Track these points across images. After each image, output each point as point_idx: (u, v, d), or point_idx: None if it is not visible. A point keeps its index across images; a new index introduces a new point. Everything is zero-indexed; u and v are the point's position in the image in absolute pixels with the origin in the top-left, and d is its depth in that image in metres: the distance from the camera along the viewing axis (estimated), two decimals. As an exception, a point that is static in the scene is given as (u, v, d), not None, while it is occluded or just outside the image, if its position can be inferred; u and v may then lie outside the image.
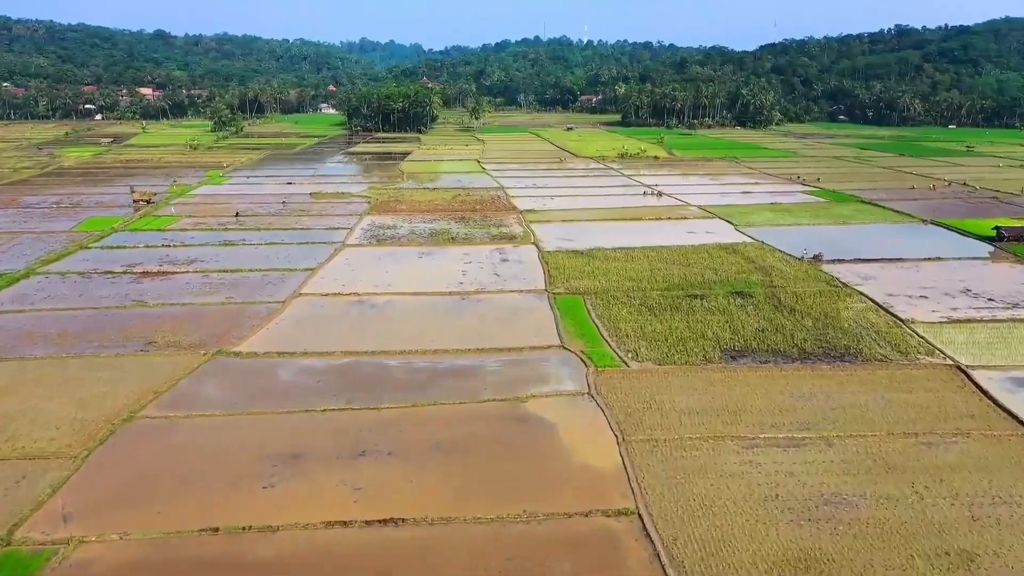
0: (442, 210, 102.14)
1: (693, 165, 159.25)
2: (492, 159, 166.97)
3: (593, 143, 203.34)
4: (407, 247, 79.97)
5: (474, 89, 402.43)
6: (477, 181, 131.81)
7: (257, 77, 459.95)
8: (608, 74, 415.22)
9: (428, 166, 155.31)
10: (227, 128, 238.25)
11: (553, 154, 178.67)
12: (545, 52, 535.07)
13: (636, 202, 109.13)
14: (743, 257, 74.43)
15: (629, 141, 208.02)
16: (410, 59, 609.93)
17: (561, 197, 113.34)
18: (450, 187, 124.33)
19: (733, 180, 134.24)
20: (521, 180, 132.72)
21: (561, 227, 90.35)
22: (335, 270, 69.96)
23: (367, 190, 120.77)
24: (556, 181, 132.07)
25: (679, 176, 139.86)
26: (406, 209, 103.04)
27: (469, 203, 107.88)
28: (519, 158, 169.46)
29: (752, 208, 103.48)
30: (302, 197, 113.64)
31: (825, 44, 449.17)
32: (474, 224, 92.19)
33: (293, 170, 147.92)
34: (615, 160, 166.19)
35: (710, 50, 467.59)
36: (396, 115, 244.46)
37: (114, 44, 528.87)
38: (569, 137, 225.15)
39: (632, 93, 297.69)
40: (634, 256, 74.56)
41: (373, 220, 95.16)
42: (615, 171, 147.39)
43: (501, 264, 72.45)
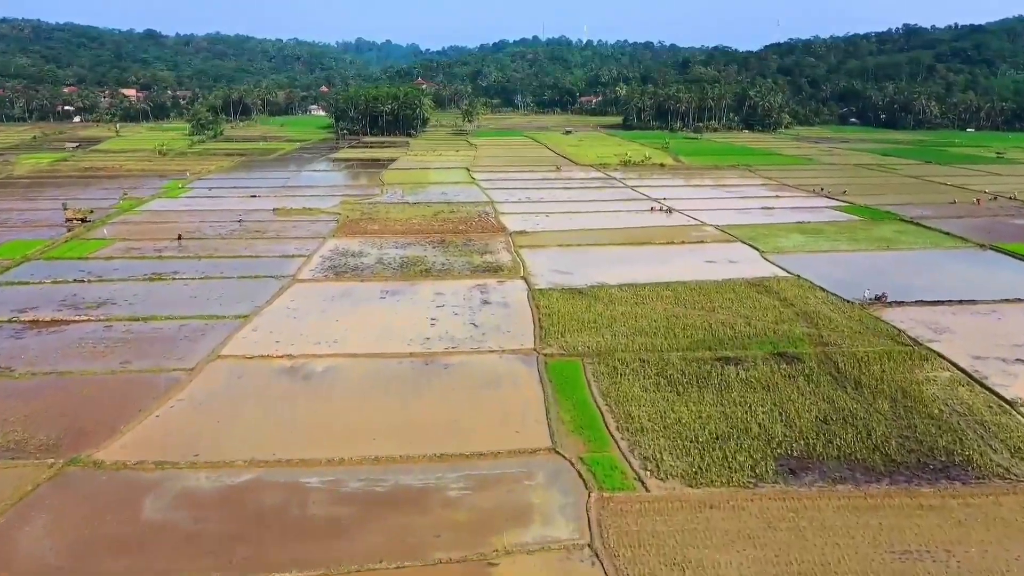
0: (419, 231, 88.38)
1: (703, 174, 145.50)
2: (483, 167, 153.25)
3: (593, 148, 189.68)
4: (370, 283, 66.18)
5: (469, 90, 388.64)
6: (464, 194, 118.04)
7: (247, 78, 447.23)
8: (608, 75, 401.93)
9: (412, 175, 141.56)
10: (205, 132, 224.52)
11: (550, 161, 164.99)
12: (544, 52, 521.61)
13: (643, 221, 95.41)
14: (779, 298, 60.73)
15: (632, 146, 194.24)
16: (407, 60, 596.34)
17: (557, 214, 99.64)
18: (433, 201, 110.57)
19: (750, 192, 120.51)
20: (513, 192, 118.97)
21: (556, 254, 76.63)
22: (273, 318, 56.17)
23: (339, 205, 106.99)
24: (552, 194, 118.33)
25: (689, 187, 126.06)
26: (378, 230, 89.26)
27: (452, 222, 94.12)
28: (513, 166, 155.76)
29: (777, 229, 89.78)
30: (263, 214, 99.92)
31: (831, 44, 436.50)
32: (454, 250, 78.43)
33: (264, 180, 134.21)
34: (617, 168, 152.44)
35: (713, 50, 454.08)
36: (385, 118, 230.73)
37: (101, 44, 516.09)
38: (568, 141, 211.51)
39: (634, 94, 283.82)
40: (645, 296, 60.86)
41: (337, 244, 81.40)
42: (617, 181, 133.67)
43: (481, 308, 58.70)
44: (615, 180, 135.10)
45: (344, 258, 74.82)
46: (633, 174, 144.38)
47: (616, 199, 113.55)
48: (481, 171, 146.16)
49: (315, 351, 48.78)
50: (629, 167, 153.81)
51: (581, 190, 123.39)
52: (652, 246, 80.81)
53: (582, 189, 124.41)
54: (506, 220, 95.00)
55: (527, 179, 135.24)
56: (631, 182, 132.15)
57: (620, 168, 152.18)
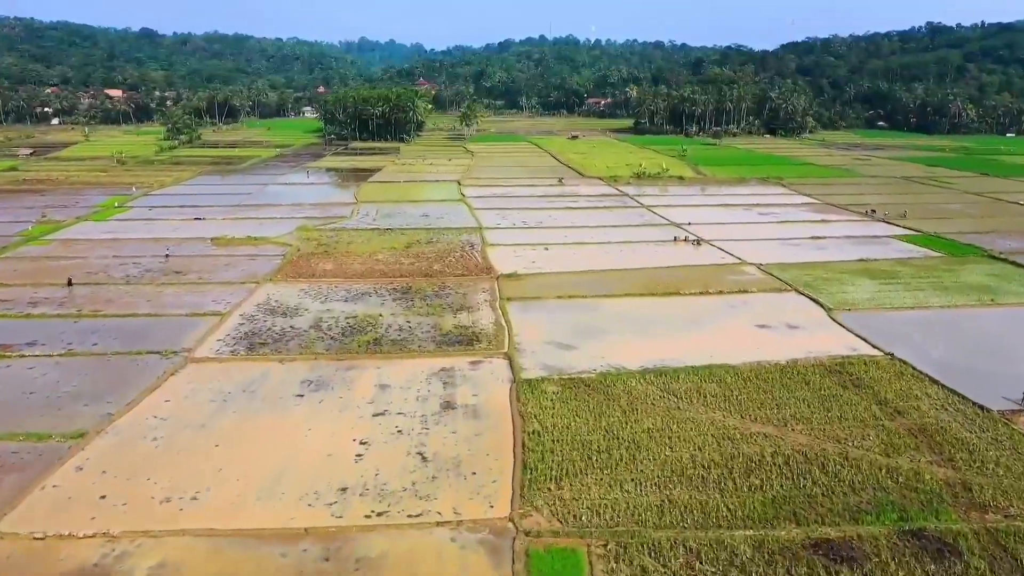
0: (382, 273, 69.48)
1: (730, 190, 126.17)
2: (477, 180, 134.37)
3: (602, 157, 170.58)
4: (292, 364, 47.34)
5: (471, 91, 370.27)
6: (449, 216, 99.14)
7: (242, 78, 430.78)
8: (617, 75, 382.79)
9: (393, 190, 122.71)
10: (180, 136, 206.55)
11: (553, 171, 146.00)
12: (550, 52, 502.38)
13: (666, 256, 76.32)
14: (875, 397, 41.67)
15: (645, 154, 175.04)
16: (410, 60, 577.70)
17: (559, 246, 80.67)
18: (409, 227, 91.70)
19: (790, 214, 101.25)
20: (508, 214, 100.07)
21: (555, 311, 57.68)
22: (121, 441, 37.24)
23: (294, 231, 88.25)
24: (554, 216, 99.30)
25: (716, 208, 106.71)
26: (331, 270, 70.44)
27: (426, 258, 75.23)
28: (510, 178, 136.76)
29: (838, 270, 70.58)
30: (198, 245, 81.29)
31: (852, 43, 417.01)
32: (421, 305, 59.52)
33: (221, 195, 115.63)
34: (630, 182, 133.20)
35: (727, 49, 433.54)
36: (375, 121, 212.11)
37: (94, 43, 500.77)
38: (574, 148, 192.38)
39: (646, 96, 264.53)
40: (681, 392, 41.95)
41: (271, 293, 62.63)
42: (631, 199, 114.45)
43: (440, 418, 39.70)
44: (628, 198, 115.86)
45: (271, 318, 56.00)
46: (648, 189, 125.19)
47: (631, 224, 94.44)
48: (473, 185, 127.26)
49: (152, 524, 29.89)
50: (643, 180, 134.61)
51: (588, 211, 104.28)
52: (681, 297, 61.75)
53: (590, 210, 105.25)
54: (494, 255, 76.01)
55: (525, 196, 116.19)
56: (647, 200, 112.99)
57: (633, 182, 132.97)
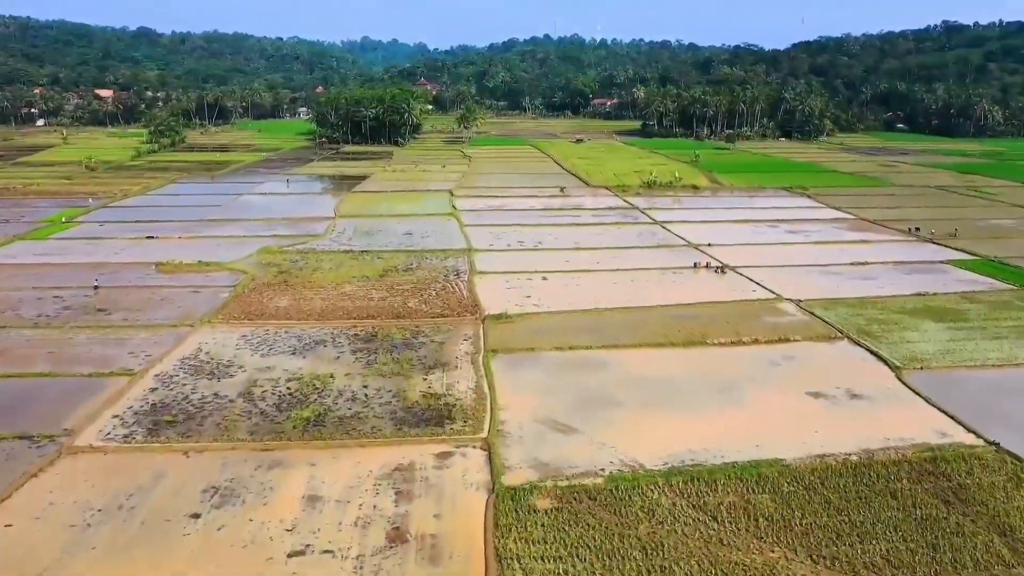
0: (346, 312, 57.75)
1: (751, 200, 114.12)
2: (471, 189, 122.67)
3: (608, 162, 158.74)
4: (199, 459, 35.62)
5: (473, 92, 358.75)
6: (436, 234, 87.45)
7: (238, 78, 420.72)
8: (624, 75, 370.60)
9: (377, 202, 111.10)
10: (162, 139, 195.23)
11: (555, 179, 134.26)
12: (555, 51, 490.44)
13: (686, 288, 64.51)
14: (993, 523, 29.88)
15: (654, 159, 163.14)
16: (413, 59, 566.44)
17: (559, 274, 68.94)
18: (388, 248, 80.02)
19: (824, 233, 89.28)
20: (502, 232, 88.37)
21: (553, 372, 45.94)
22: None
23: (255, 253, 76.61)
24: (554, 235, 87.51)
25: (739, 224, 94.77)
26: (286, 307, 58.78)
27: (403, 290, 63.56)
28: (508, 187, 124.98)
29: (893, 308, 58.65)
30: (139, 271, 69.81)
31: (865, 42, 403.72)
32: (386, 360, 47.80)
33: (185, 208, 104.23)
34: (640, 191, 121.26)
35: (738, 49, 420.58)
36: (368, 124, 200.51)
37: (89, 42, 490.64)
38: (578, 153, 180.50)
39: (654, 97, 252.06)
40: (722, 513, 30.24)
41: (204, 341, 51.03)
42: (641, 213, 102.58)
43: (379, 568, 28.01)
44: (638, 212, 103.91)
45: (193, 380, 44.36)
46: (660, 201, 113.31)
47: (642, 244, 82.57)
48: (467, 196, 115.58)
49: None
50: (654, 190, 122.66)
51: (594, 228, 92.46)
52: (709, 349, 49.97)
53: (595, 226, 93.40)
54: (483, 287, 64.29)
55: (524, 210, 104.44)
56: (660, 214, 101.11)
57: (643, 192, 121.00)
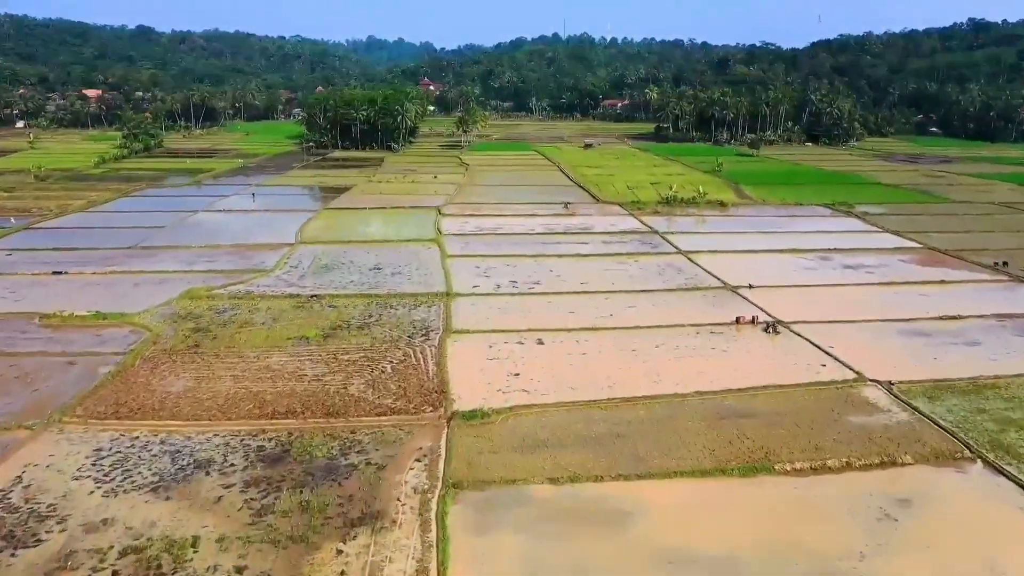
0: (259, 405, 41.12)
1: (790, 221, 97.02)
2: (463, 206, 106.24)
3: (621, 171, 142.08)
4: None
5: (477, 92, 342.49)
6: (410, 270, 70.86)
7: (235, 77, 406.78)
8: (635, 75, 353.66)
9: (352, 222, 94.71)
10: (135, 142, 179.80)
11: (560, 193, 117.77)
12: (564, 51, 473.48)
13: (729, 361, 47.63)
14: None
15: (672, 168, 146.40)
16: (419, 59, 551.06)
17: (560, 333, 52.25)
18: (347, 290, 63.45)
19: (888, 267, 72.16)
20: (492, 266, 71.77)
21: (543, 537, 29.18)
22: None
23: (174, 300, 60.24)
24: (557, 270, 70.78)
25: (783, 255, 77.68)
26: (179, 394, 42.30)
27: (347, 363, 47.05)
28: (506, 203, 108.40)
29: None
30: (16, 325, 53.71)
31: (888, 40, 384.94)
32: (289, 506, 31.16)
33: (123, 229, 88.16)
34: (658, 209, 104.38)
35: (754, 48, 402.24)
36: (358, 127, 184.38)
37: (85, 40, 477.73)
38: (587, 160, 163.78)
39: (669, 99, 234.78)
40: None
41: (36, 460, 34.64)
42: (662, 239, 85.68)
43: None
44: (657, 236, 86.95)
45: (-26, 551, 28.10)
46: (683, 222, 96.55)
47: (666, 286, 65.71)
48: (457, 214, 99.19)
49: None
50: (675, 207, 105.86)
51: (605, 260, 75.64)
52: (778, 481, 33.27)
53: (606, 258, 76.53)
54: (456, 358, 47.69)
55: (521, 234, 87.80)
56: (683, 239, 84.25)
57: (662, 210, 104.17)
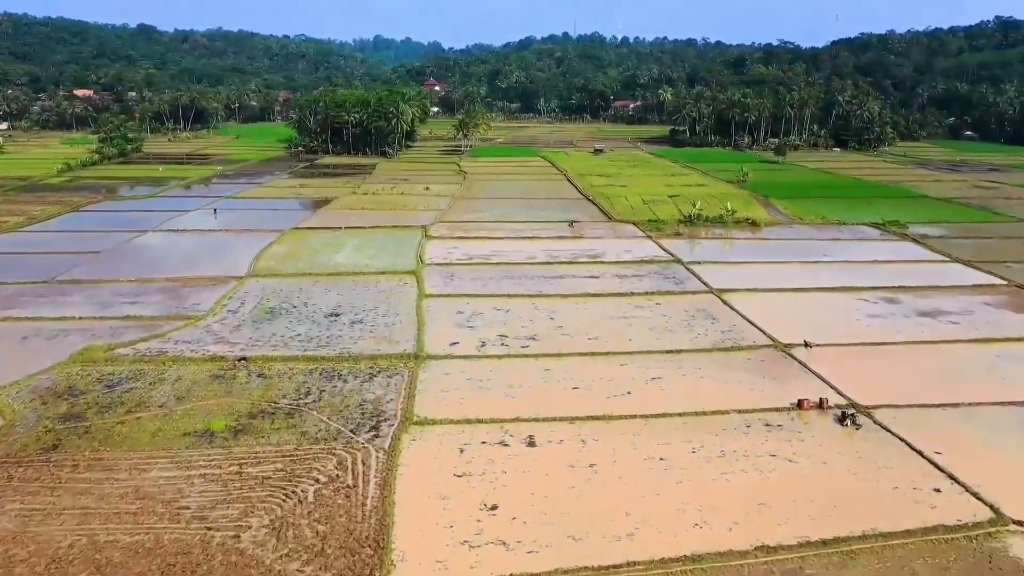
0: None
1: (837, 247, 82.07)
2: (454, 224, 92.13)
3: (635, 179, 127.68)
4: None
5: (483, 93, 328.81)
6: (375, 316, 56.62)
7: (235, 77, 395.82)
8: (648, 75, 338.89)
9: (321, 246, 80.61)
10: (110, 147, 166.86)
11: (567, 206, 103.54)
12: (574, 50, 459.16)
13: (799, 482, 33.19)
14: None
15: (691, 177, 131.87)
16: (427, 58, 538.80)
17: (560, 425, 37.84)
18: (286, 352, 49.24)
19: (976, 317, 57.24)
20: (479, 310, 57.44)
21: None
22: None
23: (60, 364, 46.32)
24: (558, 316, 56.32)
25: (836, 294, 62.94)
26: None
27: (246, 493, 32.83)
28: (504, 221, 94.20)
29: None
30: None
31: (912, 39, 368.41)
32: None
33: (51, 255, 74.60)
34: (680, 230, 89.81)
35: (770, 47, 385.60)
36: (350, 130, 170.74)
37: (84, 39, 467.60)
38: (598, 167, 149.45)
39: (685, 100, 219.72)
40: None
41: None
42: (687, 271, 71.05)
43: None
44: (681, 268, 72.33)
45: None
46: (710, 248, 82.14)
47: (697, 345, 51.02)
48: (446, 236, 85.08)
49: None
50: (699, 227, 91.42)
51: (618, 301, 61.18)
52: None
53: (620, 298, 62.04)
54: (411, 475, 33.40)
55: (518, 263, 73.51)
56: (712, 272, 69.70)
57: (685, 231, 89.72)
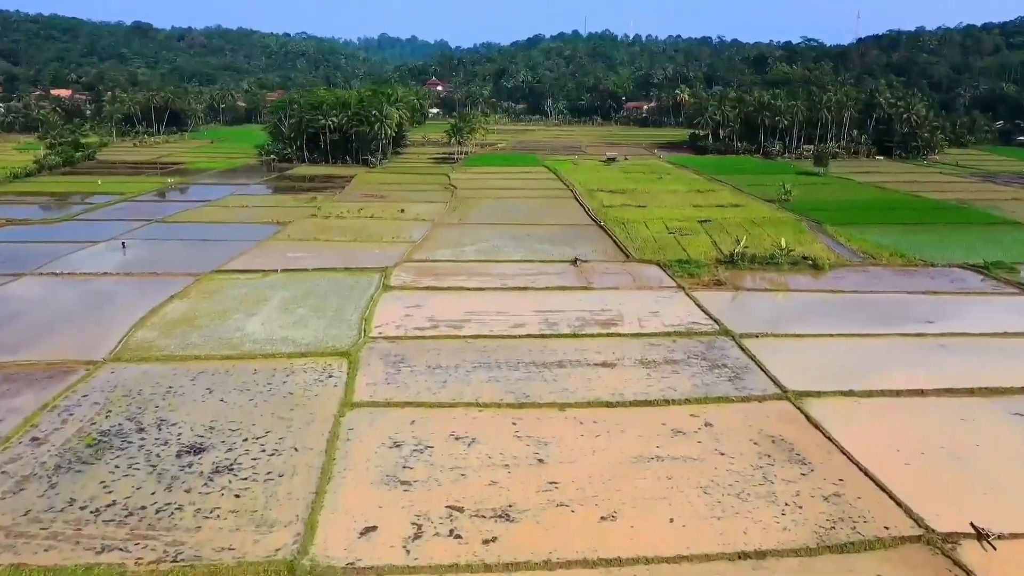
0: None
1: (944, 307, 59.56)
2: (425, 265, 70.91)
3: (657, 199, 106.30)
4: None
5: (486, 94, 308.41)
6: (255, 453, 35.25)
7: (226, 76, 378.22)
8: (662, 74, 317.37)
9: (232, 301, 59.37)
10: (56, 154, 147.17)
11: (572, 236, 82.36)
12: (584, 48, 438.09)
13: None
14: None
15: (722, 194, 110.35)
16: (433, 57, 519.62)
17: None
18: (54, 563, 28.48)
19: None
20: (429, 436, 35.99)
21: None
22: None
23: None
24: (551, 456, 34.61)
25: (983, 399, 41.50)
26: None
27: None
28: (490, 260, 72.95)
29: None
30: None
31: (943, 36, 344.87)
32: None
33: None
34: (719, 277, 67.98)
35: (796, 44, 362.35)
36: (328, 136, 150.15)
37: (74, 37, 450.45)
38: (610, 179, 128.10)
39: (707, 102, 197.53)
40: None
41: None
42: (740, 349, 49.14)
43: None
44: (732, 344, 50.56)
45: None
46: (764, 302, 60.66)
47: (788, 540, 29.46)
48: (410, 284, 63.89)
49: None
50: (743, 268, 69.88)
51: (647, 419, 39.59)
52: None
53: (648, 413, 40.23)
54: None
55: (499, 332, 52.06)
56: (779, 357, 47.85)
57: (725, 276, 68.08)
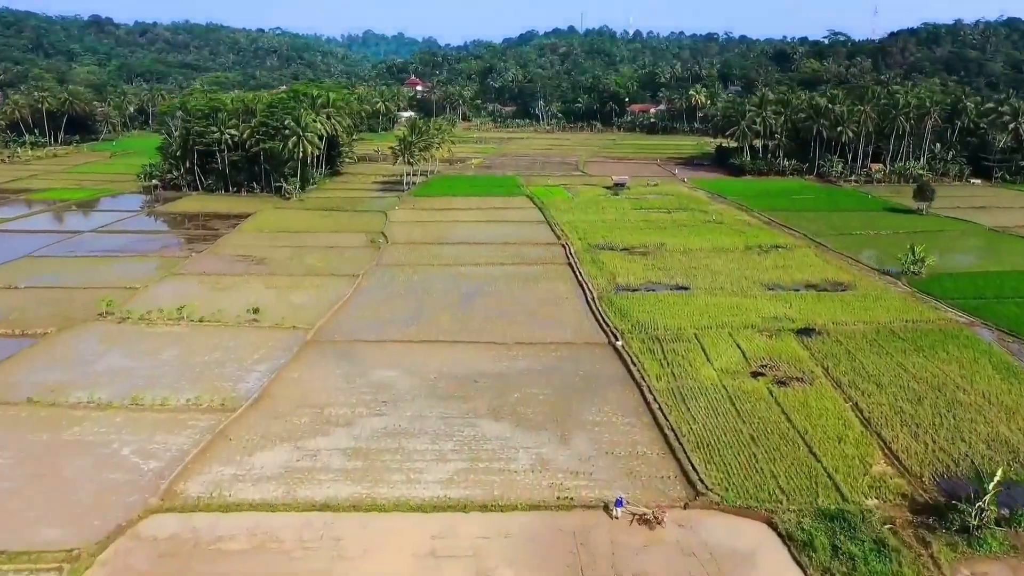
0: None
1: None
2: (168, 545, 28.70)
3: (702, 268, 63.78)
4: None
5: (469, 95, 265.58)
6: None
7: (177, 74, 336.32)
8: (670, 72, 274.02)
9: None
10: None
11: (566, 387, 40.35)
12: (580, 44, 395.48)
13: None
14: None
15: (798, 252, 67.42)
16: (417, 55, 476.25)
17: None
18: None
19: None
20: None
21: None
22: None
23: None
24: None
25: None
26: None
27: None
28: (375, 509, 30.92)
29: None
30: None
31: (984, 29, 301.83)
32: None
33: None
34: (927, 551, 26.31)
35: (821, 40, 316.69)
36: (226, 156, 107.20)
37: (19, 31, 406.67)
38: (622, 222, 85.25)
39: (746, 107, 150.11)
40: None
41: None
42: None
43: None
44: None
45: None
46: None
47: None
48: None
49: None
50: (941, 536, 27.41)
51: None
52: None
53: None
54: None
55: None
56: None
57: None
